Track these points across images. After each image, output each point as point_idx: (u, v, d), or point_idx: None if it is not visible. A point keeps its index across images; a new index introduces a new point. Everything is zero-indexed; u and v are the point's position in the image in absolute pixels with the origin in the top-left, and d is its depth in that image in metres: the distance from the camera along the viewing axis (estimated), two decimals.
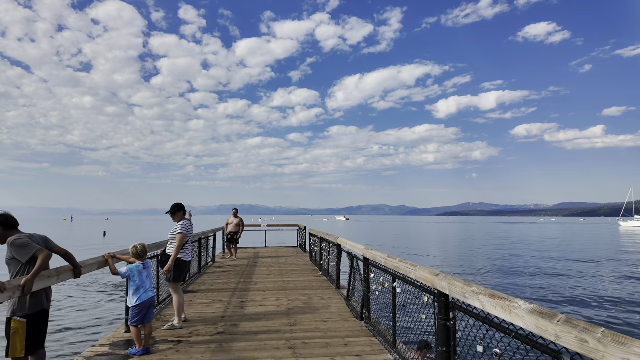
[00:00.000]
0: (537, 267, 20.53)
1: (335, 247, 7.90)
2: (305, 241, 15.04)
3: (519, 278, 17.18)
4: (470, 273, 18.50)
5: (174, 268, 5.09)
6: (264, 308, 6.20)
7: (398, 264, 3.96)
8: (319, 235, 10.22)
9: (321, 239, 9.97)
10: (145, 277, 4.28)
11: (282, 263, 11.71)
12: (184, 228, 5.19)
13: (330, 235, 8.71)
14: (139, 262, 4.30)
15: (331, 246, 8.51)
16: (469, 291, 2.54)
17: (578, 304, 12.51)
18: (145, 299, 4.21)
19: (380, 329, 4.77)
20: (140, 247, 4.33)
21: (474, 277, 17.16)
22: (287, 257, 13.21)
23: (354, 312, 5.85)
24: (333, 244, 8.24)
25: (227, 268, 10.69)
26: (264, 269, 10.39)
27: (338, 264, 7.73)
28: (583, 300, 13.01)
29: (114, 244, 32.65)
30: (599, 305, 12.29)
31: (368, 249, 5.23)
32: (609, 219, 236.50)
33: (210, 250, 11.98)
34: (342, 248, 7.53)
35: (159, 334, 4.89)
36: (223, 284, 8.33)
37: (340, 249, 7.65)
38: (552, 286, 15.28)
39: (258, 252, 15.01)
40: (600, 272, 19.00)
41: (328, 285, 8.06)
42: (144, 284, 4.24)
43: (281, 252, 14.69)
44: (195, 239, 9.73)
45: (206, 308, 6.23)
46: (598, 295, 13.62)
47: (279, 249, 15.94)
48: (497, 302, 2.24)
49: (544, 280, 16.60)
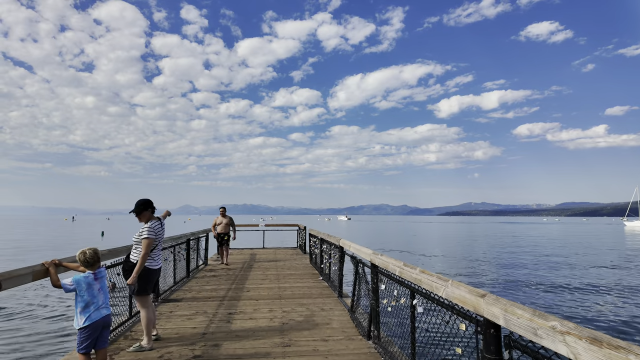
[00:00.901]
0: (560, 276, 17.17)
1: (337, 250, 7.01)
2: (305, 242, 14.15)
3: (546, 292, 13.78)
4: (488, 283, 15.58)
5: (139, 279, 4.18)
6: (254, 322, 5.30)
7: (419, 276, 3.05)
8: (320, 236, 9.33)
9: (322, 240, 9.07)
10: (97, 291, 3.38)
11: (279, 266, 10.81)
12: (152, 231, 4.26)
13: (331, 236, 7.81)
14: (89, 271, 3.40)
15: (333, 248, 7.61)
16: (545, 327, 1.63)
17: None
18: (97, 318, 3.32)
19: (393, 353, 3.87)
20: (90, 252, 3.43)
21: (493, 288, 14.50)
22: (286, 259, 12.31)
23: (359, 328, 4.95)
24: (335, 246, 7.34)
25: (219, 272, 9.81)
26: (260, 273, 9.49)
27: (340, 268, 6.83)
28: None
29: (112, 245, 31.83)
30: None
31: (377, 253, 4.33)
32: (612, 219, 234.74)
33: (202, 251, 11.09)
34: (345, 251, 6.63)
35: (122, 358, 4.00)
36: (211, 290, 7.44)
37: (343, 252, 6.75)
38: (590, 304, 11.97)
39: (255, 253, 14.13)
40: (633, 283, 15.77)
41: (329, 293, 7.16)
42: (95, 300, 3.35)
43: (279, 254, 13.79)
44: (183, 240, 8.85)
45: (187, 322, 5.33)
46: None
47: (277, 251, 15.05)
48: (608, 353, 1.34)
49: (579, 296, 13.07)
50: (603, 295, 13.43)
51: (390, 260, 3.80)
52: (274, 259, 12.47)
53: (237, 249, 15.58)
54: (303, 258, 12.62)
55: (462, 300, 2.35)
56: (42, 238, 42.84)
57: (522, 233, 58.11)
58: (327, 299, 6.71)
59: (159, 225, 4.41)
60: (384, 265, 3.92)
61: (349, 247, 5.97)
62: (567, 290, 14.24)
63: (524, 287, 14.66)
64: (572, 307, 11.62)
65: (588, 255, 25.93)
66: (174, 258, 7.80)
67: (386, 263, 3.86)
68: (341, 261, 6.81)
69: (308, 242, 12.28)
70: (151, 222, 4.31)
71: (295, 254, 13.79)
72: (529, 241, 40.32)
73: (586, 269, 19.70)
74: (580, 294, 13.49)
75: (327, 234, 8.41)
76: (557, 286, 14.88)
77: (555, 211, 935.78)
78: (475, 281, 15.54)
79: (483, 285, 14.85)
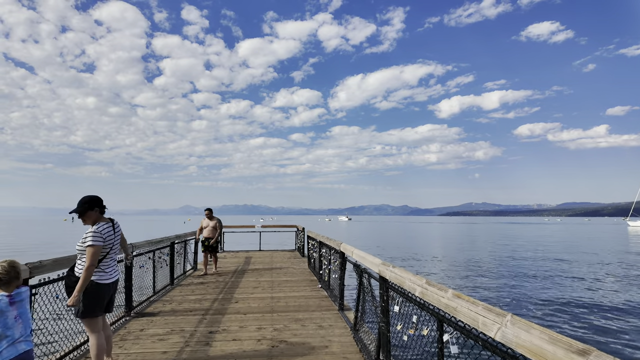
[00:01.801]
0: (585, 290, 14.19)
1: (338, 256, 6.13)
2: (304, 244, 13.28)
3: (579, 311, 11.16)
4: (503, 297, 12.87)
5: (84, 296, 3.29)
6: (238, 344, 4.42)
7: (453, 302, 2.15)
8: (318, 238, 8.45)
9: (320, 244, 8.19)
10: (13, 320, 2.50)
11: (275, 271, 9.94)
12: (99, 236, 3.35)
13: (331, 239, 6.93)
14: (1, 293, 2.53)
15: (333, 253, 6.73)
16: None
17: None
18: (11, 356, 2.44)
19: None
20: (5, 266, 2.55)
21: (515, 306, 11.47)
22: (282, 263, 11.43)
23: (364, 353, 4.06)
24: (335, 250, 6.46)
25: (207, 278, 8.93)
26: (252, 280, 8.61)
27: (341, 277, 5.94)
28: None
29: None
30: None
31: (387, 264, 3.45)
32: (614, 219, 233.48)
33: (191, 255, 10.21)
34: (347, 258, 5.75)
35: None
36: (195, 301, 6.56)
37: (345, 258, 5.87)
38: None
39: (250, 256, 13.25)
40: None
41: (328, 305, 6.28)
42: (10, 332, 2.47)
43: (276, 257, 12.91)
44: (166, 244, 7.97)
45: (157, 344, 4.44)
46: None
47: (274, 254, 14.16)
48: None
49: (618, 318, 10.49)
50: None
51: (406, 276, 2.90)
52: (269, 262, 11.59)
53: (232, 252, 14.70)
54: (301, 262, 11.74)
55: (537, 352, 1.47)
56: (35, 238, 42.01)
57: (527, 235, 57.19)
58: (327, 312, 5.83)
59: (109, 228, 3.49)
60: (398, 282, 3.04)
61: (351, 253, 5.09)
62: (602, 310, 11.44)
63: (548, 305, 11.93)
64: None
65: (610, 265, 24.63)
66: (153, 265, 6.91)
67: (401, 279, 2.98)
68: (342, 269, 5.93)
69: (306, 245, 11.43)
70: (98, 225, 3.41)
71: (293, 257, 12.91)
72: (536, 243, 39.40)
73: (611, 280, 18.69)
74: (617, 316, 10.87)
75: (326, 237, 7.53)
76: (590, 305, 11.96)
77: (556, 211, 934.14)
78: (489, 296, 14.61)
79: (500, 301, 13.70)
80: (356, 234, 54.28)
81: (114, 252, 3.58)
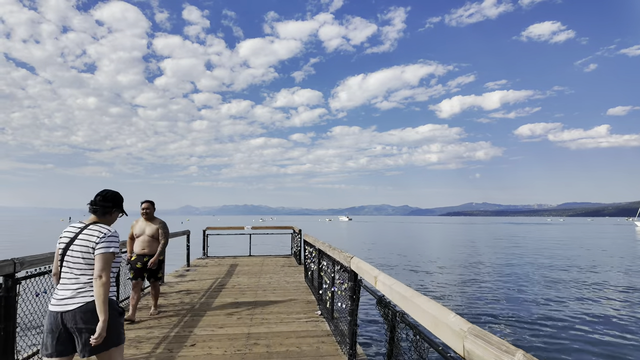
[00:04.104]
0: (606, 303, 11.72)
1: (347, 276, 3.97)
2: (300, 249, 11.15)
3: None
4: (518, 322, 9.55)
5: (110, 321, 2.30)
6: None
7: None
8: (317, 245, 6.28)
9: (321, 253, 6.05)
10: None
11: (262, 285, 7.79)
12: (116, 242, 2.46)
13: (335, 249, 4.73)
14: None
15: (339, 270, 4.55)
16: None
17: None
18: None
19: None
20: None
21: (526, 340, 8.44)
22: (273, 274, 9.27)
23: None
24: (342, 267, 4.31)
25: (171, 298, 6.77)
26: (229, 301, 6.45)
27: (352, 312, 3.77)
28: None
29: None
30: None
31: (449, 311, 1.30)
32: (617, 219, 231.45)
33: None
34: (362, 282, 3.61)
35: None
36: (130, 344, 4.38)
37: (358, 282, 3.71)
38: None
39: (236, 264, 11.09)
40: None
41: (332, 351, 4.13)
42: None
43: (267, 266, 10.75)
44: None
45: None
46: None
47: (265, 260, 12.00)
48: None
49: None
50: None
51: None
52: (257, 273, 9.44)
53: (216, 258, 12.54)
54: (296, 272, 9.59)
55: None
56: (33, 237, 39.86)
57: (532, 235, 55.06)
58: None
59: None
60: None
61: (373, 279, 2.94)
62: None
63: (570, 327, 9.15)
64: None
65: (628, 274, 22.66)
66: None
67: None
68: (354, 297, 3.76)
69: (303, 251, 9.29)
70: (112, 229, 2.52)
71: (287, 265, 10.76)
72: (546, 245, 37.25)
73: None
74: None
75: (328, 245, 5.35)
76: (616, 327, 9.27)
77: (557, 211, 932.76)
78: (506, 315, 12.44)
79: (523, 340, 11.72)
80: (359, 235, 52.12)
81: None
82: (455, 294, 13.00)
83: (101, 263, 2.33)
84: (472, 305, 11.27)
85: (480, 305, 11.37)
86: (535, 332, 8.78)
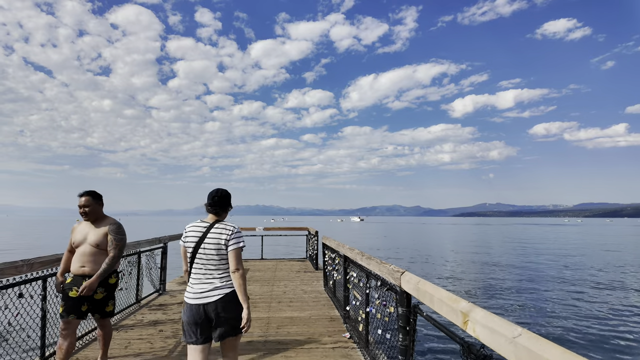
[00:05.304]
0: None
1: (394, 298, 2.92)
2: (317, 253, 10.13)
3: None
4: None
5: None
6: None
7: None
8: (342, 251, 5.23)
9: (347, 261, 5.01)
10: None
11: (277, 295, 6.80)
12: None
13: (373, 259, 3.63)
14: None
15: (380, 287, 3.48)
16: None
17: None
18: None
19: None
20: None
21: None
22: (288, 281, 8.27)
23: None
24: (384, 283, 3.26)
25: (173, 309, 5.82)
26: None
27: (407, 347, 2.71)
28: None
29: None
30: None
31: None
32: (638, 220, 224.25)
33: (156, 272, 7.07)
34: (420, 309, 2.56)
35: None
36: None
37: (414, 310, 2.65)
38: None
39: (248, 268, 10.13)
40: None
41: None
42: None
43: (281, 271, 9.76)
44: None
45: None
46: None
47: (279, 264, 11.00)
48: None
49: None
50: None
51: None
52: (270, 280, 8.45)
53: None
54: (314, 278, 8.57)
55: None
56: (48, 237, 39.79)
57: (551, 237, 53.06)
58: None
59: None
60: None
61: (450, 310, 1.89)
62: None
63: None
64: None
65: None
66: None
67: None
68: (407, 329, 2.70)
69: (322, 256, 8.26)
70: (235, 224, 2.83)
71: (303, 270, 9.75)
72: (583, 250, 35.54)
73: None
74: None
75: (359, 252, 4.28)
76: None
77: (573, 212, 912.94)
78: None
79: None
80: (372, 236, 50.88)
81: None
82: (520, 308, 11.77)
83: (236, 258, 2.67)
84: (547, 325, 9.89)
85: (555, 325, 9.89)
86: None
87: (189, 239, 2.72)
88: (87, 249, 3.34)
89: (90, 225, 3.43)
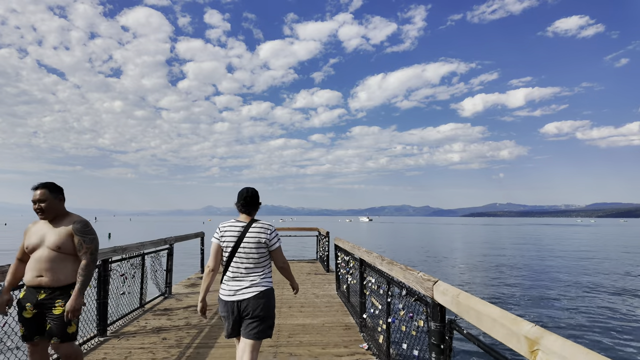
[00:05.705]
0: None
1: (427, 313, 2.55)
2: (328, 254, 9.78)
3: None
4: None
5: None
6: None
7: None
8: (358, 255, 4.86)
9: (363, 265, 4.64)
10: None
11: (287, 299, 6.48)
12: None
13: (396, 264, 3.25)
14: None
15: (405, 297, 3.09)
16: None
17: None
18: None
19: None
20: None
21: None
22: (299, 284, 7.88)
23: None
24: (411, 292, 2.90)
25: (179, 314, 5.52)
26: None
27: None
28: None
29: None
30: None
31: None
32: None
33: (162, 274, 6.78)
34: (457, 324, 2.19)
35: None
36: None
37: (449, 324, 2.29)
38: None
39: None
40: None
41: None
42: None
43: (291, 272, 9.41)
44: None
45: None
46: None
47: None
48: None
49: None
50: None
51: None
52: (281, 280, 8.10)
53: None
54: (325, 281, 8.21)
55: None
56: None
57: (566, 237, 51.92)
58: None
59: None
60: None
61: (510, 335, 1.51)
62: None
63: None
64: None
65: None
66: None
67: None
68: (442, 347, 2.33)
69: (334, 258, 7.89)
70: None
71: (314, 273, 9.40)
72: (613, 254, 34.58)
73: None
74: None
75: (378, 256, 3.91)
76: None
77: (586, 212, 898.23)
78: None
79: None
80: (381, 236, 50.36)
81: None
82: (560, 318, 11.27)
83: (280, 254, 2.90)
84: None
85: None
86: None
87: (227, 238, 2.77)
88: (45, 254, 2.64)
89: (49, 225, 2.75)
